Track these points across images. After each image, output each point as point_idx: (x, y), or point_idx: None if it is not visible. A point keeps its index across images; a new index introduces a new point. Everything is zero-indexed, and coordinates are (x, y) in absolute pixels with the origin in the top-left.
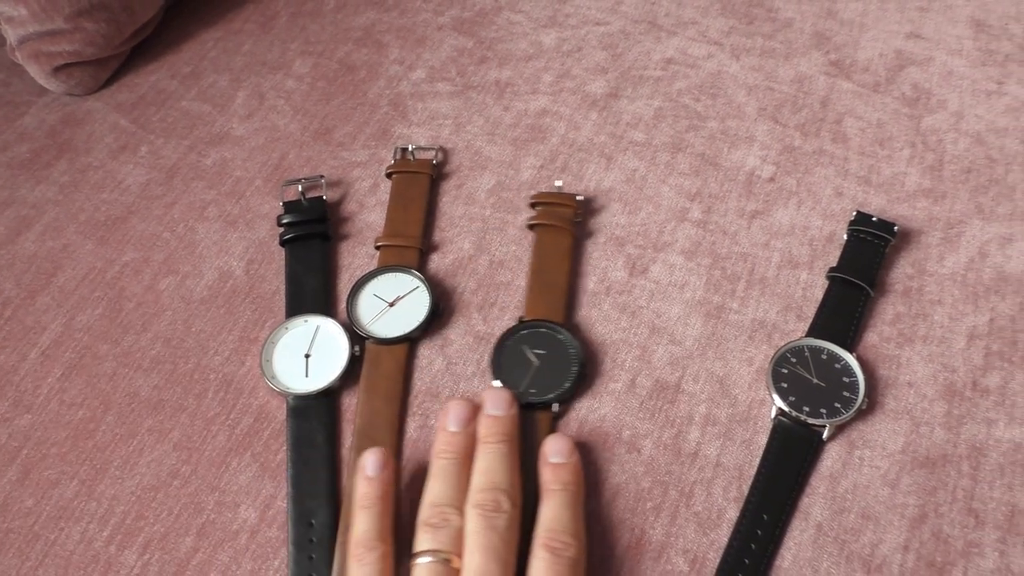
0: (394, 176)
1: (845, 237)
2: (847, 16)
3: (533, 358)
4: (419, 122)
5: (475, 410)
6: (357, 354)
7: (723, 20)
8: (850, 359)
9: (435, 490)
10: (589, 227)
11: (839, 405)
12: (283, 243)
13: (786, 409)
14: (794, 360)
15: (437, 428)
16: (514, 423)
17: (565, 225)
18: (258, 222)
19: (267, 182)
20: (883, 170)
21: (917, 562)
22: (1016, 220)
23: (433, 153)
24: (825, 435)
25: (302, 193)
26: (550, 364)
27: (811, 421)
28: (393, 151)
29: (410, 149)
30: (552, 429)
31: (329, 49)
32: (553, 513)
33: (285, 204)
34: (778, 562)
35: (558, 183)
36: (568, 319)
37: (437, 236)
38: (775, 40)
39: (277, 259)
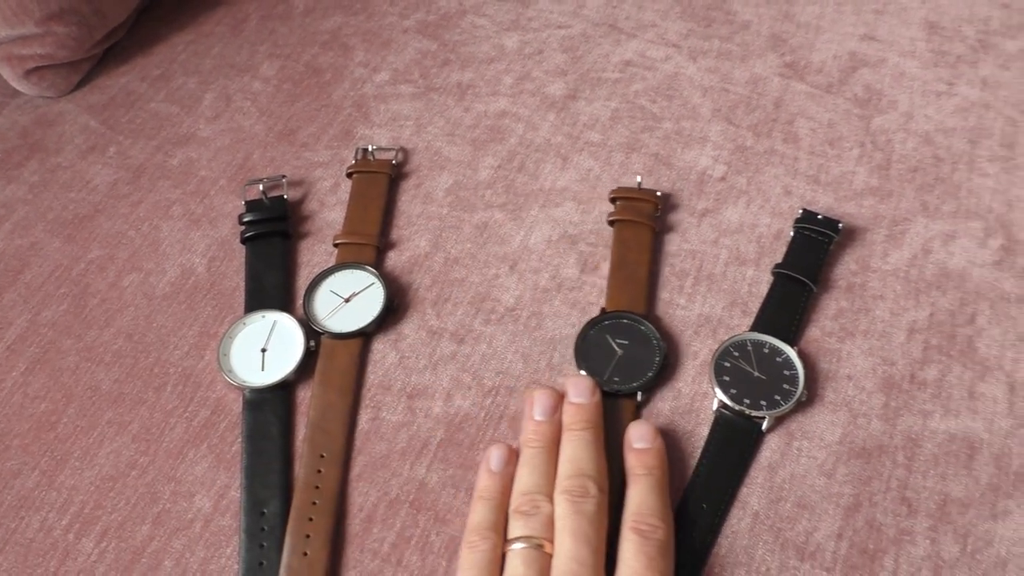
0: (354, 176)
1: (791, 234)
2: (804, 19)
3: (616, 348)
4: (381, 123)
5: (560, 399)
6: (312, 348)
7: (682, 23)
8: (791, 353)
9: (525, 478)
10: (540, 226)
11: (779, 397)
12: (244, 241)
13: (727, 402)
14: (736, 354)
15: (524, 417)
16: (598, 410)
17: (646, 220)
18: (221, 220)
19: (231, 182)
20: (832, 169)
21: (850, 549)
22: (960, 218)
23: (393, 153)
24: (765, 426)
25: (264, 192)
26: (633, 354)
27: (751, 413)
28: (355, 151)
29: (371, 149)
30: (636, 416)
31: (296, 52)
32: (640, 497)
33: (247, 203)
34: (715, 550)
35: (638, 179)
36: (650, 311)
37: (395, 234)
38: (732, 42)
39: (239, 256)
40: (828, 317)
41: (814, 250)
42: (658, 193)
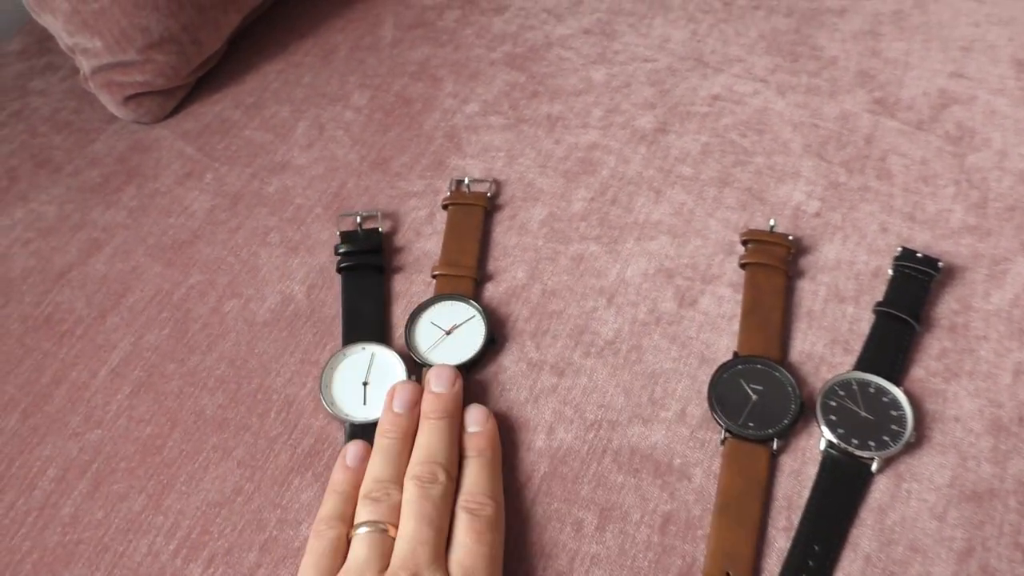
0: (450, 207)
1: (891, 272)
2: (891, 55)
3: (751, 393)
4: (473, 154)
5: (420, 392)
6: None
7: (768, 58)
8: (897, 392)
9: (377, 466)
10: (636, 259)
11: (887, 438)
12: (339, 270)
13: (835, 441)
14: (842, 393)
15: (384, 409)
16: (456, 400)
17: (779, 264)
18: (319, 248)
19: (327, 210)
20: (928, 207)
21: None
22: None
23: (487, 185)
24: (874, 467)
25: (359, 224)
26: (767, 400)
27: (860, 453)
28: (449, 183)
29: (465, 181)
30: (771, 465)
31: (386, 82)
32: (472, 477)
33: (342, 234)
34: None
35: (772, 222)
36: (783, 357)
37: (491, 266)
38: (820, 78)
39: (337, 285)
40: (932, 357)
41: (915, 288)
42: (790, 237)
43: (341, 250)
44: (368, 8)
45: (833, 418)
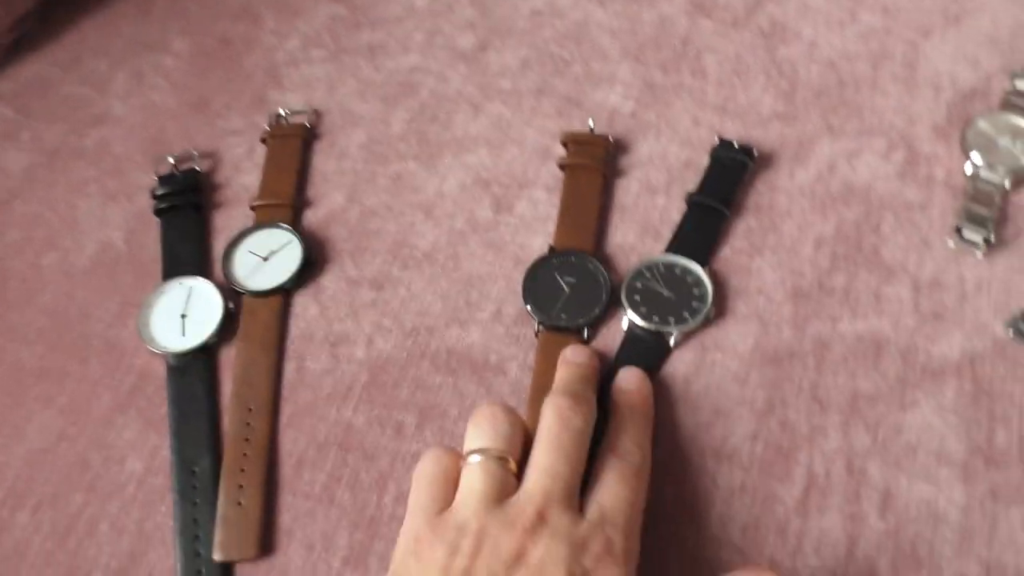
0: (268, 140)
1: (707, 162)
2: None
3: (564, 285)
4: (293, 88)
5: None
6: (232, 310)
7: None
8: (701, 272)
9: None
10: (453, 172)
11: (687, 314)
12: (157, 213)
13: (637, 320)
14: (648, 275)
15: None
16: (594, 370)
17: (597, 164)
18: (138, 195)
19: (146, 156)
20: (739, 99)
21: (766, 449)
22: (863, 135)
23: (306, 115)
24: (672, 342)
25: (175, 165)
26: (580, 290)
27: (659, 329)
28: (268, 117)
29: (284, 114)
30: None
31: (207, 26)
32: (621, 428)
33: (159, 177)
34: None
35: (590, 122)
36: (598, 250)
37: (311, 192)
38: None
39: (157, 229)
40: (738, 237)
41: (729, 177)
42: (610, 138)
43: (157, 193)
44: None
45: (637, 298)
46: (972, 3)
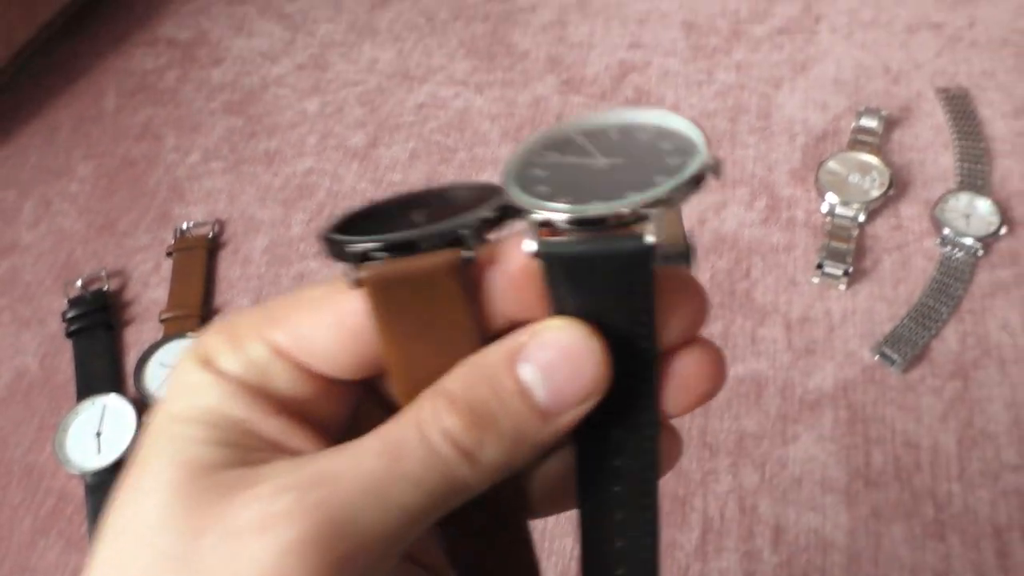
0: (174, 254)
1: None
2: (576, 39)
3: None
4: (196, 201)
5: None
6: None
7: (468, 62)
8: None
9: None
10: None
11: (660, 177)
12: (69, 335)
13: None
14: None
15: None
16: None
17: None
18: (50, 319)
19: (56, 281)
20: None
21: (662, 499)
22: (727, 187)
23: (209, 227)
24: (652, 236)
25: (84, 287)
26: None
27: (611, 212)
28: (173, 231)
29: (187, 227)
30: None
31: (110, 149)
32: None
33: (69, 300)
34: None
35: None
36: None
37: (218, 300)
38: (514, 71)
39: (70, 350)
40: None
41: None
42: None
43: (68, 315)
44: (90, 81)
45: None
46: (816, 50)
